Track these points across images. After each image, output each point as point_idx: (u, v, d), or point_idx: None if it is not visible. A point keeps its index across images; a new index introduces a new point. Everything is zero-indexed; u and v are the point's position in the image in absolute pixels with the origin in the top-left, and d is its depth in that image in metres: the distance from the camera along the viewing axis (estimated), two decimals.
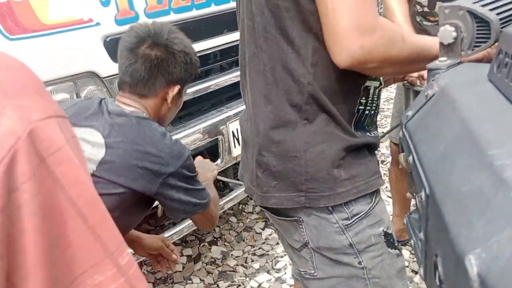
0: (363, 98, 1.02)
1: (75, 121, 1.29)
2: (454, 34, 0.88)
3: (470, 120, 0.54)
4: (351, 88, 0.99)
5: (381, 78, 1.07)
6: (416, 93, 1.88)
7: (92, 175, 1.19)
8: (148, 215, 1.96)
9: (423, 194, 0.57)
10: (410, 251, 2.42)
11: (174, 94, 1.32)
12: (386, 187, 3.01)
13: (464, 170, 0.47)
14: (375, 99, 1.06)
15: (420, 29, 1.88)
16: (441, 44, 0.93)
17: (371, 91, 1.04)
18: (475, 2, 0.89)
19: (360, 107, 1.01)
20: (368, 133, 1.07)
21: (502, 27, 0.84)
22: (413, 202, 2.34)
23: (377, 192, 1.06)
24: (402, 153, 0.84)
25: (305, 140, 0.98)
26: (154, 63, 1.26)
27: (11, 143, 0.43)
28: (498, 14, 0.86)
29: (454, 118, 0.58)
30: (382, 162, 3.30)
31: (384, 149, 3.47)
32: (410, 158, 0.70)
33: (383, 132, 3.69)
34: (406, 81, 1.59)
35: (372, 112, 1.07)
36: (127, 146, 1.21)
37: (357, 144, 1.01)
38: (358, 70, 0.90)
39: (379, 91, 1.08)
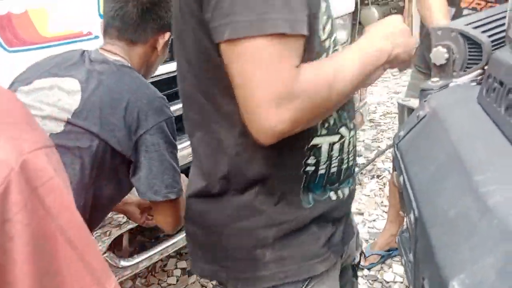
0: (312, 158, 0.88)
1: (56, 71, 1.25)
2: (446, 55, 0.90)
3: (459, 143, 0.55)
4: (290, 152, 0.86)
5: (343, 131, 0.90)
6: (411, 110, 1.90)
7: (67, 122, 1.16)
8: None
9: (412, 216, 0.58)
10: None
11: (165, 41, 1.28)
12: (382, 202, 3.03)
13: (452, 194, 0.48)
14: (335, 155, 0.90)
15: None
16: (434, 65, 0.94)
17: (324, 148, 0.89)
18: (467, 24, 0.91)
19: (307, 169, 0.87)
20: (330, 192, 0.92)
21: (493, 50, 0.86)
22: None
23: (314, 277, 0.92)
24: (395, 172, 0.85)
25: (229, 213, 0.89)
26: (146, 6, 1.20)
27: (5, 174, 0.44)
28: (489, 36, 0.87)
29: (444, 140, 0.59)
30: (378, 176, 3.32)
31: (380, 163, 3.48)
32: (401, 178, 0.71)
33: (379, 147, 3.72)
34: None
35: (334, 169, 0.91)
36: (104, 94, 1.15)
37: (294, 220, 0.88)
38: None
39: (342, 144, 0.91)
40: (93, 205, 1.18)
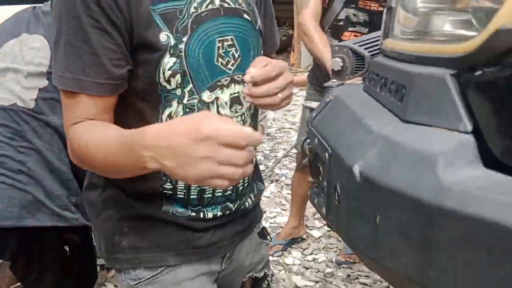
0: (169, 184, 0.99)
1: (18, 32, 1.41)
2: (341, 64, 1.29)
3: (355, 110, 0.92)
4: (144, 175, 0.92)
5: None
6: (311, 110, 2.33)
7: (48, 73, 1.33)
8: None
9: (326, 154, 0.93)
10: (301, 252, 2.84)
11: None
12: (280, 202, 3.45)
13: (352, 133, 0.84)
14: (193, 185, 1.00)
15: None
16: (332, 70, 1.33)
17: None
18: (355, 43, 1.31)
19: (165, 192, 0.99)
20: (192, 213, 1.03)
21: (372, 59, 1.26)
22: (308, 205, 2.79)
23: (167, 266, 1.04)
24: (305, 145, 1.21)
25: (102, 202, 1.04)
26: None
27: None
28: (369, 51, 1.28)
29: (345, 110, 0.96)
30: (277, 181, 3.75)
31: (277, 170, 3.92)
32: (316, 140, 1.07)
33: (276, 157, 4.16)
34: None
35: (194, 196, 1.02)
36: None
37: (151, 218, 1.01)
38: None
39: None
40: None
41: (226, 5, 0.98)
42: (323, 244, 2.96)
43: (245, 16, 1.02)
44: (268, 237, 1.33)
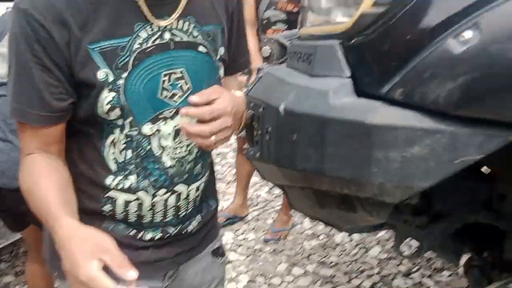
0: (109, 205, 1.03)
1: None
2: (270, 51, 1.68)
3: (280, 76, 1.30)
4: (87, 196, 1.01)
5: (141, 194, 1.03)
6: None
7: None
8: None
9: (261, 109, 1.29)
10: (233, 233, 3.20)
11: None
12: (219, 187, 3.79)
13: (278, 89, 1.22)
14: (132, 211, 1.04)
15: None
16: (263, 57, 1.72)
17: (120, 202, 1.03)
18: (281, 36, 1.71)
19: (104, 213, 1.02)
20: (132, 231, 1.06)
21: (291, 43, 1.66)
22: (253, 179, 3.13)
23: None
24: (248, 110, 1.57)
25: None
26: None
27: None
28: (290, 42, 1.68)
29: (273, 78, 1.34)
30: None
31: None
32: (252, 104, 1.43)
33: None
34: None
35: (132, 220, 1.05)
36: None
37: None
38: None
39: (140, 204, 1.04)
40: None
41: (177, 39, 0.97)
42: (252, 226, 3.34)
43: (200, 48, 1.01)
44: (225, 255, 1.32)
